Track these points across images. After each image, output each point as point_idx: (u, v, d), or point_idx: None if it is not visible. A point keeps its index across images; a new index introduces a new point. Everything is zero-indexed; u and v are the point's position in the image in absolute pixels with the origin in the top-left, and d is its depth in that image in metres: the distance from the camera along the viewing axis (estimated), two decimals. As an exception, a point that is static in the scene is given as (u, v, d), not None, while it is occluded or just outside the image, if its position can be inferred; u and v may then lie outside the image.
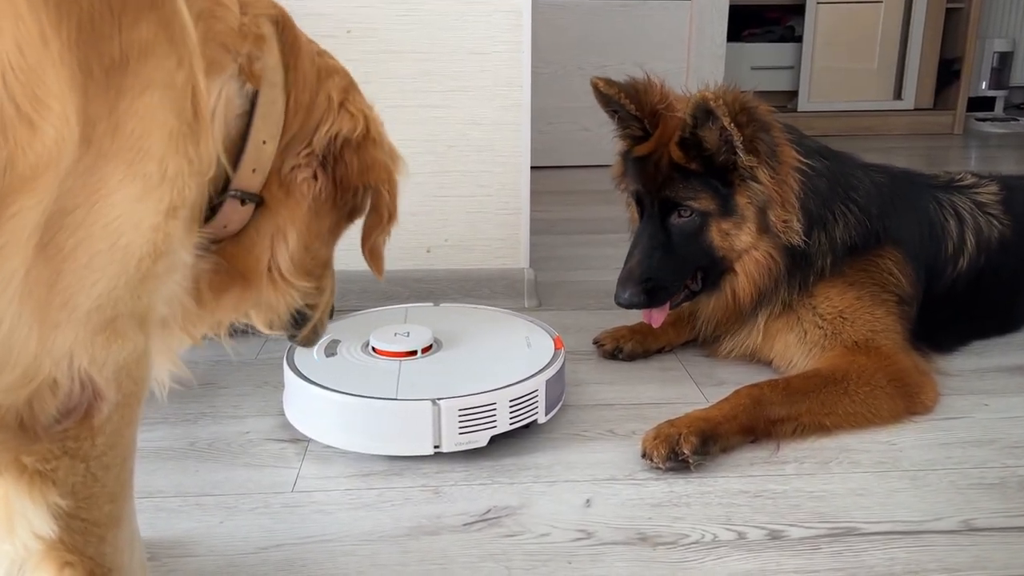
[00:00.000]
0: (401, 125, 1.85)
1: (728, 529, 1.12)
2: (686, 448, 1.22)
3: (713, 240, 1.48)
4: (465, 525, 1.13)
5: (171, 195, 0.69)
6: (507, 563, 1.05)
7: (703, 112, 1.37)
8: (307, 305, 1.01)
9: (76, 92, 0.62)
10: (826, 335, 1.48)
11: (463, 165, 1.89)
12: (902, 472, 1.25)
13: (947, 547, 1.08)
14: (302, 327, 1.05)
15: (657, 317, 1.55)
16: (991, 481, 1.22)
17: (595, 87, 1.52)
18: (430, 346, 1.43)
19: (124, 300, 0.68)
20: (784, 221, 1.44)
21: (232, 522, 1.13)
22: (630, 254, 1.52)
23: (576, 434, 1.36)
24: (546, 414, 1.34)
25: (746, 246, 1.47)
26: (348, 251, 1.08)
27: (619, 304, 1.51)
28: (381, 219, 0.96)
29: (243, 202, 0.85)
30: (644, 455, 1.25)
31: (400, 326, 1.47)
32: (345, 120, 0.89)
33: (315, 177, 0.89)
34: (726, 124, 1.36)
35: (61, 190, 0.62)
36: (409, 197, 1.88)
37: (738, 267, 1.50)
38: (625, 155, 1.57)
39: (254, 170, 0.84)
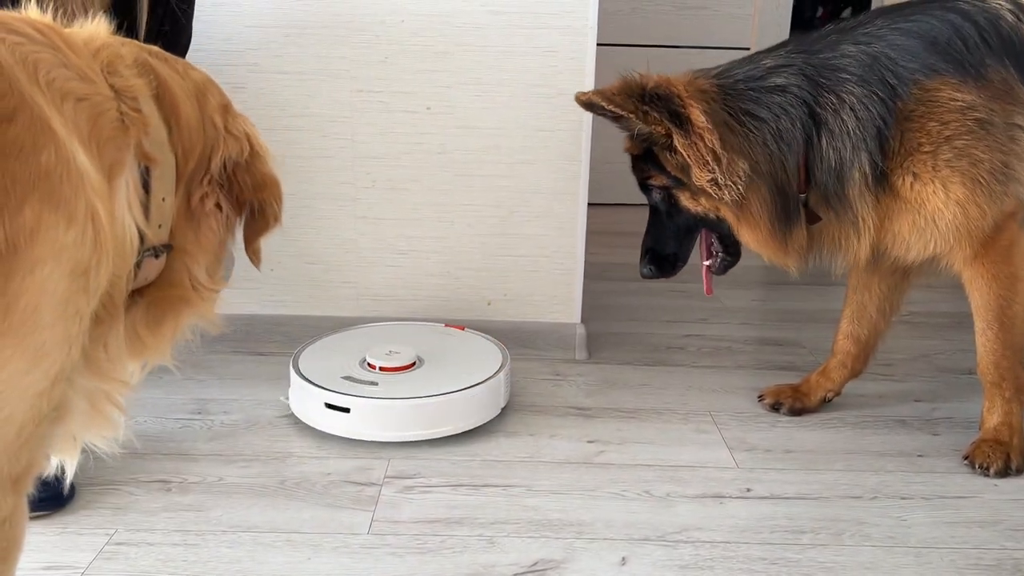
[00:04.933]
0: (471, 192, 2.07)
1: (745, 593, 1.28)
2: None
3: (689, 208, 1.58)
4: (516, 575, 1.31)
5: (63, 357, 0.75)
6: (551, 612, 1.23)
7: (586, 106, 1.55)
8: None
9: None
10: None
11: (525, 229, 2.08)
12: (908, 548, 1.39)
13: (940, 623, 1.22)
14: None
15: (707, 287, 1.73)
16: (988, 563, 1.36)
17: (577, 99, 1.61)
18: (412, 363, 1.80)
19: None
20: (708, 181, 1.48)
21: (319, 559, 1.33)
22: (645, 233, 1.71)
23: (617, 493, 1.53)
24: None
25: (711, 208, 1.55)
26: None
27: (642, 277, 1.71)
28: (268, 224, 1.03)
29: (157, 255, 0.92)
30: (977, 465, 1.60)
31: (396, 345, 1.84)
32: (231, 144, 0.95)
33: (219, 206, 0.96)
34: (606, 107, 1.50)
35: None
36: (474, 255, 2.10)
37: (731, 222, 1.56)
38: None
39: (160, 225, 0.90)
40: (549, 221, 2.07)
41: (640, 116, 1.49)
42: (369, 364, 1.78)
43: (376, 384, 1.71)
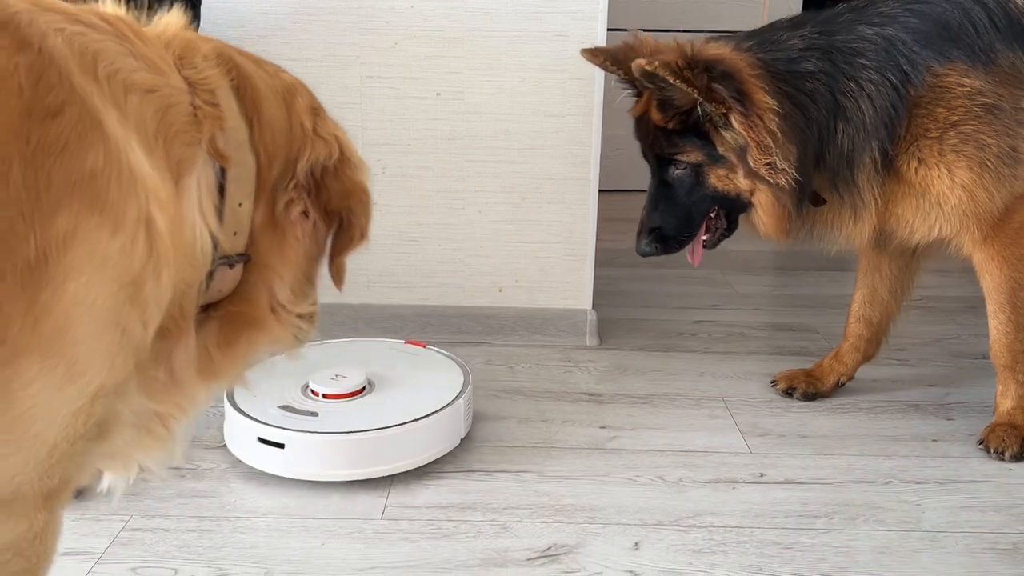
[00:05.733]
0: (482, 178, 2.06)
1: (759, 578, 1.28)
2: None
3: (716, 186, 1.54)
4: (528, 560, 1.31)
5: (104, 374, 0.69)
6: (565, 597, 1.23)
7: (646, 76, 1.45)
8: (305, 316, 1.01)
9: None
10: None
11: (536, 215, 2.07)
12: (923, 532, 1.39)
13: (955, 607, 1.22)
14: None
15: (696, 257, 1.66)
16: (1004, 546, 1.35)
17: (584, 56, 1.60)
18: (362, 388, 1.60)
19: (29, 484, 0.69)
20: (766, 164, 1.45)
21: (333, 544, 1.34)
22: (644, 208, 1.64)
23: (629, 479, 1.53)
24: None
25: (747, 188, 1.52)
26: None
27: (639, 255, 1.64)
28: (353, 238, 0.94)
29: (231, 265, 0.85)
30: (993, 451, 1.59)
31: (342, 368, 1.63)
32: (320, 146, 0.88)
33: (306, 213, 0.88)
34: (672, 82, 1.41)
35: None
36: (485, 242, 2.10)
37: (754, 201, 1.54)
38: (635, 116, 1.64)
39: (235, 233, 0.84)
40: (560, 207, 2.07)
41: (704, 93, 1.43)
42: (312, 391, 1.58)
43: (316, 415, 1.52)
